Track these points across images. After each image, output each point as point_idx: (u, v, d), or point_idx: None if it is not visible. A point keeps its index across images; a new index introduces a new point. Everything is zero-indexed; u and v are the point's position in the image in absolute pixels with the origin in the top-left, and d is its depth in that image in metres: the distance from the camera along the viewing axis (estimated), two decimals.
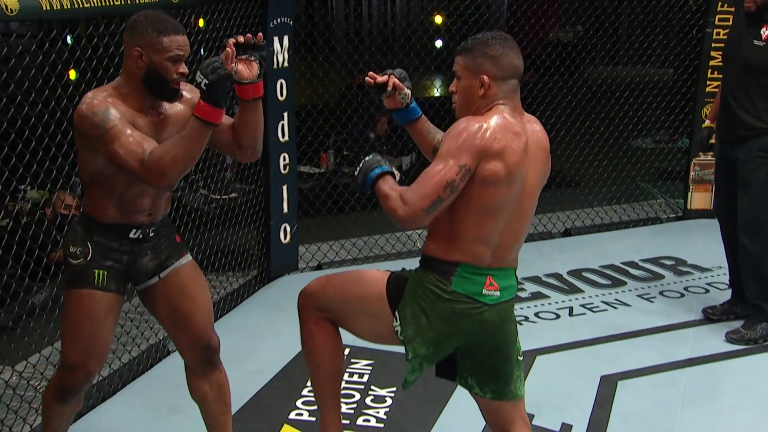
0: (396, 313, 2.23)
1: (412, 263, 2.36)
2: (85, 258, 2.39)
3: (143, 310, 3.49)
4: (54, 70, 3.36)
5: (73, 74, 6.14)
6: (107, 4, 2.93)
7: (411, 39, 5.78)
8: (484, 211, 2.13)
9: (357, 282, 2.36)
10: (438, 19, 11.25)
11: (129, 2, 3.07)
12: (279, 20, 4.34)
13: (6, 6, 2.53)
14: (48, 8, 2.70)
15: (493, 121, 2.12)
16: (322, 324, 2.41)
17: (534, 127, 2.24)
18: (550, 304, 4.38)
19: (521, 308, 4.31)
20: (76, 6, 2.78)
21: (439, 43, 11.30)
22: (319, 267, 4.87)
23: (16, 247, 3.22)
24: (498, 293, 2.19)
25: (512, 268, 2.25)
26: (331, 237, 5.17)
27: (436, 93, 8.55)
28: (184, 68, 2.30)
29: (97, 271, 2.38)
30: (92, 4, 2.86)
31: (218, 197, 5.26)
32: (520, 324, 4.12)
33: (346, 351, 3.72)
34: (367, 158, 2.23)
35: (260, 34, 2.28)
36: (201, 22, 4.21)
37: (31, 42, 3.35)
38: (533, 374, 3.56)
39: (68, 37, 4.97)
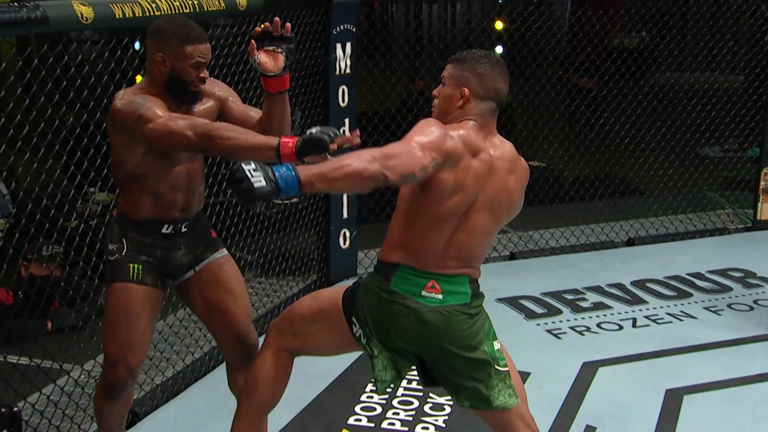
0: (353, 318, 2.27)
1: (483, 275, 2.36)
2: (120, 254, 2.46)
3: None
4: (124, 77, 3.46)
5: (139, 79, 6.35)
6: (178, 12, 3.00)
7: (472, 45, 5.76)
8: (429, 220, 2.18)
9: (316, 300, 2.42)
10: (499, 25, 11.19)
11: (198, 9, 3.15)
12: (342, 27, 4.39)
13: (82, 14, 2.61)
14: (121, 16, 2.78)
15: (457, 133, 2.16)
16: (279, 355, 2.41)
17: (504, 151, 2.26)
18: (612, 314, 4.31)
19: (582, 318, 4.26)
20: (147, 14, 2.86)
21: (499, 49, 11.22)
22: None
23: (85, 248, 3.32)
24: (440, 296, 2.21)
25: (463, 276, 2.25)
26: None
27: None
28: (205, 73, 2.37)
29: (131, 265, 2.46)
30: (162, 12, 2.93)
31: (279, 202, 5.30)
32: (582, 335, 4.07)
33: None
34: (248, 167, 1.93)
35: (288, 24, 2.24)
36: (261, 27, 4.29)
37: (102, 48, 3.46)
38: (595, 386, 3.51)
39: (136, 44, 5.10)
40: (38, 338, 3.63)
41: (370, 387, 3.43)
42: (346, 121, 4.52)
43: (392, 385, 2.38)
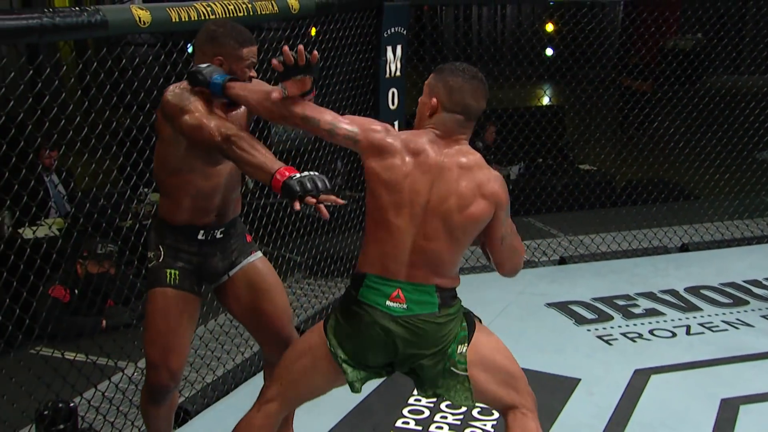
0: (326, 332, 2.28)
1: (518, 275, 2.36)
2: (158, 260, 2.52)
3: None
4: (179, 78, 3.52)
5: None
6: (232, 15, 3.05)
7: (524, 47, 5.73)
8: (377, 224, 2.22)
9: (298, 341, 2.41)
10: (549, 27, 11.10)
11: (252, 13, 3.19)
12: (393, 30, 4.40)
13: (140, 18, 2.68)
14: (177, 20, 2.83)
15: (406, 134, 2.22)
16: (263, 409, 2.39)
17: (463, 160, 2.22)
18: (665, 321, 4.24)
19: (634, 324, 4.20)
20: (203, 18, 2.91)
21: (550, 52, 11.14)
22: None
23: (140, 248, 3.39)
24: (404, 305, 2.22)
25: (431, 285, 2.24)
26: None
27: (546, 101, 8.44)
28: (254, 73, 2.44)
29: (168, 271, 2.51)
30: (218, 16, 2.98)
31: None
32: (633, 341, 4.01)
33: None
34: (202, 67, 2.32)
35: (315, 52, 2.25)
36: (313, 31, 4.33)
37: (158, 51, 3.54)
38: (647, 393, 3.46)
39: (189, 47, 5.18)
40: (94, 335, 3.72)
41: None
42: (396, 123, 4.53)
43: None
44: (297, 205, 2.10)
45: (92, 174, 3.08)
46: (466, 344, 2.29)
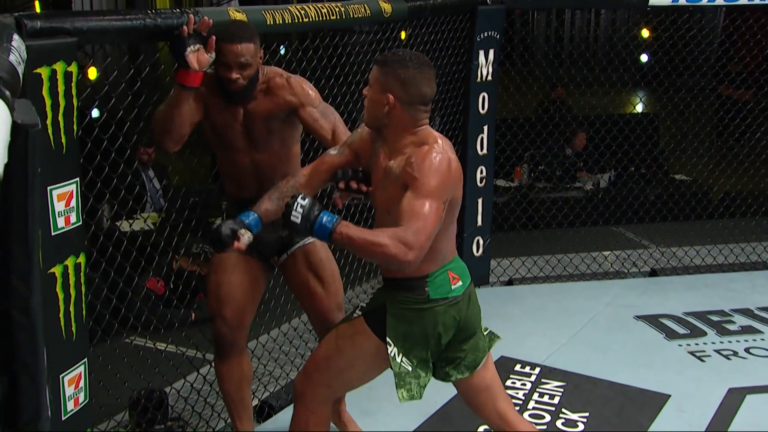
0: (387, 339, 2.30)
1: (607, 285, 2.32)
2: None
3: None
4: None
5: None
6: (325, 18, 3.11)
7: (620, 52, 5.61)
8: (448, 226, 2.28)
9: (338, 337, 2.41)
10: (645, 33, 10.82)
11: (344, 17, 3.24)
12: (486, 34, 4.39)
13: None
14: (272, 23, 2.90)
15: (447, 148, 2.22)
16: (318, 411, 2.44)
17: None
18: (763, 339, 4.08)
19: (729, 341, 4.05)
20: (297, 21, 2.97)
21: (644, 58, 10.86)
22: (510, 282, 4.84)
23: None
24: (461, 282, 2.34)
25: (456, 257, 2.37)
26: (523, 253, 5.13)
27: (639, 109, 8.24)
28: (234, 74, 2.51)
29: None
30: (311, 19, 3.04)
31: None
32: (728, 359, 3.88)
33: (537, 370, 3.70)
34: (299, 201, 2.15)
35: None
36: (403, 35, 4.36)
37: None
38: (742, 414, 3.33)
39: (282, 48, 5.29)
40: (184, 327, 3.83)
41: None
42: (485, 128, 4.51)
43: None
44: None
45: (185, 170, 3.18)
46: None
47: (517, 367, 3.72)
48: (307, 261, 2.78)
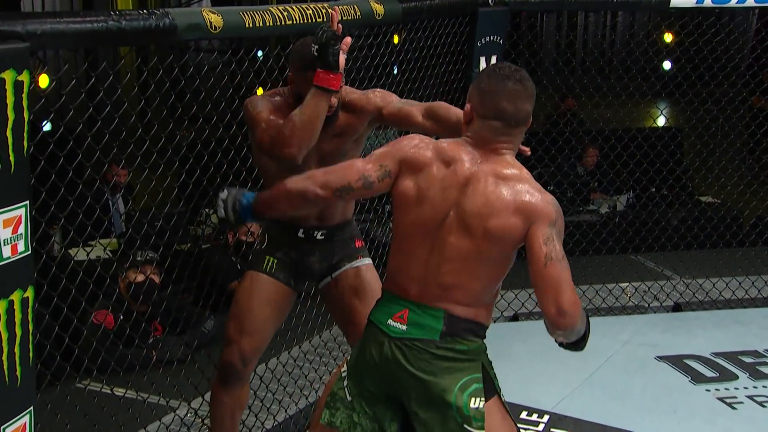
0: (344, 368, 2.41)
1: (624, 322, 2.32)
2: (261, 245, 2.90)
3: None
4: (249, 89, 3.61)
5: (260, 91, 6.60)
6: (310, 21, 3.12)
7: (638, 60, 5.65)
8: (400, 238, 2.31)
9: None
10: (668, 38, 10.92)
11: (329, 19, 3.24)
12: (488, 38, 4.42)
13: (211, 23, 2.76)
14: (250, 25, 2.90)
15: (432, 143, 2.31)
16: None
17: (501, 172, 2.24)
18: None
19: (764, 386, 4.06)
20: (279, 24, 2.98)
21: (667, 65, 10.95)
22: (515, 317, 4.84)
23: (198, 274, 3.48)
24: (404, 327, 2.27)
25: (439, 310, 2.25)
26: (530, 284, 5.09)
27: (663, 122, 8.30)
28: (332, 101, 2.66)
29: (267, 257, 2.87)
30: (295, 22, 3.05)
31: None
32: (762, 406, 3.89)
33: (545, 418, 3.70)
34: (220, 197, 2.43)
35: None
36: (396, 39, 4.38)
37: (228, 58, 3.64)
38: None
39: (259, 52, 5.31)
40: (146, 369, 3.80)
41: None
42: None
43: None
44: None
45: (151, 192, 3.18)
46: (481, 399, 2.26)
47: (524, 415, 3.71)
48: (351, 283, 2.92)
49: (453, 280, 2.25)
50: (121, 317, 4.13)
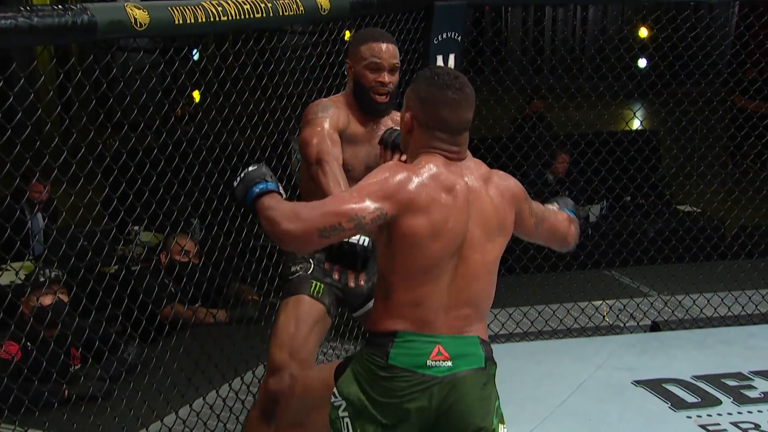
0: (335, 389, 2.40)
1: (599, 343, 2.37)
2: (306, 272, 3.01)
3: None
4: (181, 93, 3.59)
5: (197, 95, 6.55)
6: (247, 16, 3.12)
7: (609, 57, 5.73)
8: (416, 272, 2.32)
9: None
10: (643, 32, 11.10)
11: (272, 14, 3.25)
12: (445, 35, 4.45)
13: (135, 20, 2.74)
14: (180, 22, 2.89)
15: (424, 171, 2.33)
16: None
17: (478, 171, 2.42)
18: None
19: (749, 411, 4.11)
20: (213, 19, 2.98)
21: (642, 63, 11.13)
22: None
23: (125, 299, 3.43)
24: (450, 363, 2.32)
25: (473, 336, 2.38)
26: (496, 304, 5.07)
27: (637, 125, 8.42)
28: (384, 77, 2.87)
29: (314, 282, 3.00)
30: (231, 18, 3.05)
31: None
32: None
33: None
34: (250, 168, 2.38)
35: None
36: (347, 35, 4.39)
37: (157, 59, 3.62)
38: None
39: (195, 54, 5.29)
40: (65, 407, 3.73)
41: None
42: None
43: None
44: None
45: (71, 208, 3.14)
46: (504, 426, 2.43)
47: None
48: None
49: (483, 294, 2.41)
50: (31, 347, 4.05)
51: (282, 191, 2.36)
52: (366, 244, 2.55)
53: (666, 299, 5.34)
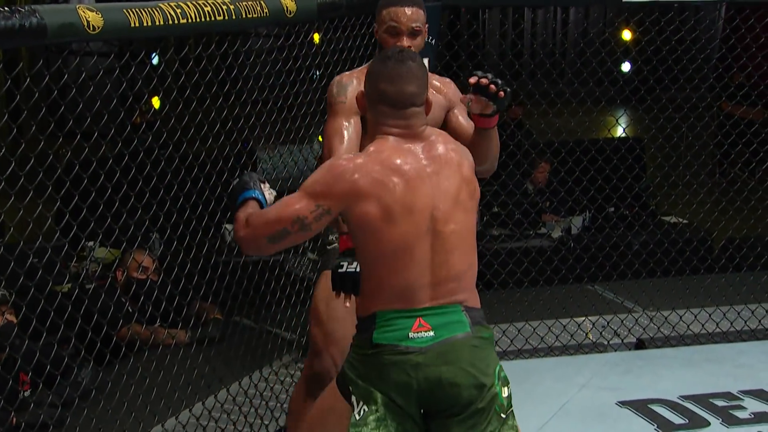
0: (352, 398, 2.51)
1: (581, 362, 2.37)
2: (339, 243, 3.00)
3: None
4: (137, 99, 3.57)
5: (156, 102, 6.51)
6: (208, 18, 3.11)
7: (592, 61, 5.76)
8: (387, 255, 2.47)
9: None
10: (626, 35, 11.16)
11: (234, 17, 3.25)
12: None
13: (88, 22, 2.72)
14: (137, 25, 2.88)
15: (367, 158, 2.48)
16: None
17: (442, 147, 2.56)
18: None
19: None
20: (171, 22, 2.97)
21: (626, 67, 11.19)
22: None
23: (79, 319, 3.39)
24: (431, 333, 2.46)
25: (455, 305, 2.51)
26: None
27: (620, 132, 8.46)
28: (402, 41, 3.00)
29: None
30: (190, 20, 3.04)
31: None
32: None
33: None
34: (243, 176, 2.62)
35: (502, 92, 2.80)
36: (316, 37, 4.39)
37: (111, 64, 3.59)
38: None
39: (154, 58, 5.27)
40: None
41: None
42: None
43: None
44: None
45: (20, 223, 3.10)
46: (509, 388, 2.55)
47: None
48: None
49: (464, 265, 2.52)
50: None
51: (265, 195, 2.56)
52: (357, 269, 2.66)
53: (651, 315, 5.35)
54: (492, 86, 2.74)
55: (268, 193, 2.60)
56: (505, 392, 2.53)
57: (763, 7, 6.21)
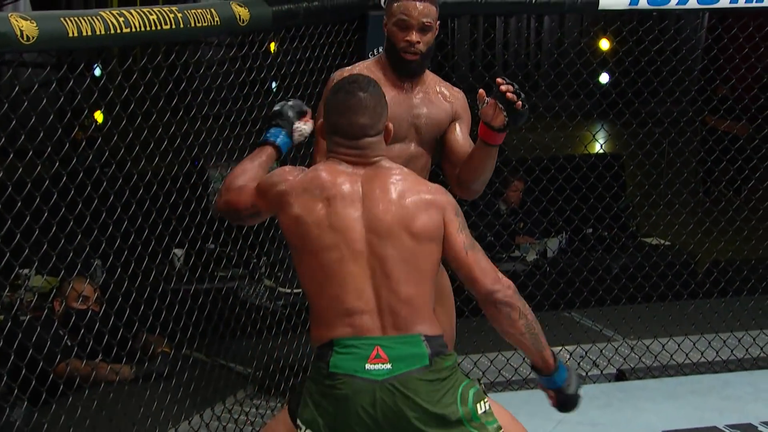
0: (297, 420, 2.59)
1: None
2: None
3: None
4: (76, 115, 3.53)
5: (99, 116, 6.45)
6: (154, 27, 3.09)
7: (566, 73, 5.78)
8: (322, 280, 2.59)
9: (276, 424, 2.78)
10: (604, 45, 11.26)
11: (182, 25, 3.23)
12: (381, 48, 4.42)
13: (22, 32, 2.69)
14: (76, 34, 2.86)
15: (306, 174, 2.67)
16: None
17: (389, 178, 2.65)
18: None
19: None
20: (113, 32, 2.94)
21: (605, 78, 11.27)
22: None
23: (11, 355, 3.33)
24: (389, 365, 2.52)
25: (415, 336, 2.56)
26: None
27: (597, 149, 8.50)
28: (412, 36, 3.10)
29: None
30: (134, 29, 3.02)
31: (288, 290, 5.32)
32: None
33: None
34: (283, 106, 3.00)
35: (519, 103, 2.96)
36: (272, 46, 4.38)
37: (49, 76, 3.55)
38: None
39: (96, 70, 5.22)
40: None
41: None
42: None
43: None
44: None
45: None
46: (485, 401, 2.61)
47: None
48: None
49: (414, 293, 2.58)
50: None
51: (293, 135, 2.96)
52: None
53: (632, 344, 5.37)
54: (512, 95, 2.91)
55: (304, 127, 2.96)
56: (480, 408, 2.59)
57: (746, 15, 6.27)
